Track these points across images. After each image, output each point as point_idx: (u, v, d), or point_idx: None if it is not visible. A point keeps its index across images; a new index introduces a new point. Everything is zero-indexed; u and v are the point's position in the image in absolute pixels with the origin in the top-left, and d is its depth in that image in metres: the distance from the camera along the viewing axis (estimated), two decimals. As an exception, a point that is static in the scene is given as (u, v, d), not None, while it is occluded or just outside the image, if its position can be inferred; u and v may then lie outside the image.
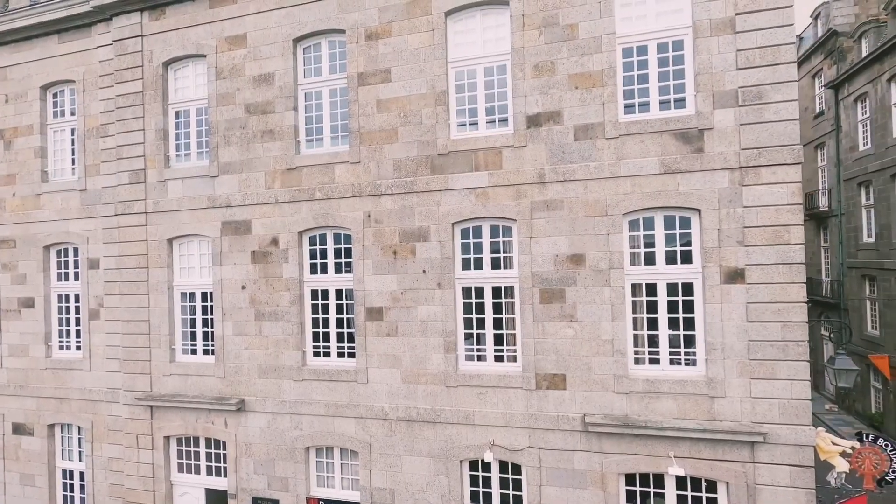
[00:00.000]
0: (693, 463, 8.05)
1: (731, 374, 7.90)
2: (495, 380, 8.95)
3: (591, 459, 8.50)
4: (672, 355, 8.36)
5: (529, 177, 8.77)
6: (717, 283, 7.97)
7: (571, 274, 8.61)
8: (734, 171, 7.89)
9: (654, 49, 8.44)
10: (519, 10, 8.84)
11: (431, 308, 9.30)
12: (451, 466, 9.16)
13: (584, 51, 8.56)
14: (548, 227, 8.72)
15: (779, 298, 7.71)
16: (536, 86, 8.77)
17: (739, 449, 7.85)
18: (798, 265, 7.65)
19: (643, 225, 8.49)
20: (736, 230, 7.89)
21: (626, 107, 8.56)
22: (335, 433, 9.84)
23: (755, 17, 7.80)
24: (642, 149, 8.30)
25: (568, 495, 8.59)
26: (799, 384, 7.63)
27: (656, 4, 8.43)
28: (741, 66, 7.86)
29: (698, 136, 8.06)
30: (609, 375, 8.43)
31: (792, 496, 7.65)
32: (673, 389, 8.14)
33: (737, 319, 7.89)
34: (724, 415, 7.94)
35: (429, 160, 9.34)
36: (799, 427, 7.62)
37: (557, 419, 8.62)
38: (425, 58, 9.34)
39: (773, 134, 7.74)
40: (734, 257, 7.90)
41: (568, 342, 8.62)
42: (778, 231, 7.72)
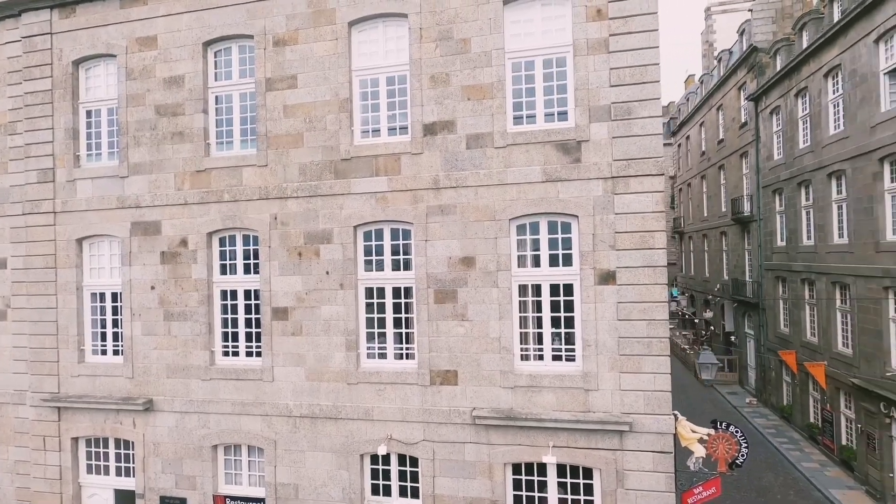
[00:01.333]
0: (570, 452, 8.64)
1: (603, 368, 8.53)
2: (393, 376, 9.35)
3: (479, 451, 8.99)
4: (554, 352, 8.94)
5: (425, 182, 9.20)
6: (591, 284, 8.58)
7: (463, 275, 9.08)
8: (607, 180, 8.53)
9: (541, 64, 9.01)
10: (417, 24, 9.26)
11: (334, 308, 9.62)
12: (352, 461, 9.51)
13: (476, 64, 9.05)
14: (442, 231, 9.17)
15: (645, 298, 8.38)
16: (432, 96, 9.21)
17: (610, 438, 8.48)
18: (661, 268, 8.33)
19: (529, 229, 9.04)
20: (609, 235, 8.52)
21: (516, 118, 9.10)
22: (242, 431, 10.04)
23: (626, 39, 8.45)
24: (527, 158, 8.84)
25: (459, 485, 9.07)
26: (661, 377, 8.32)
27: (542, 23, 8.99)
28: (614, 83, 8.50)
29: (576, 148, 8.66)
30: (496, 371, 8.94)
31: (654, 480, 8.33)
32: (553, 384, 8.72)
33: (609, 318, 8.52)
34: (597, 406, 8.56)
35: (332, 165, 9.66)
36: (660, 416, 8.31)
37: (449, 413, 9.09)
38: (330, 66, 9.65)
39: (641, 147, 8.40)
40: (607, 260, 8.53)
41: (459, 340, 9.09)
42: (644, 236, 8.39)
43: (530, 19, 9.05)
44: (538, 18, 9.02)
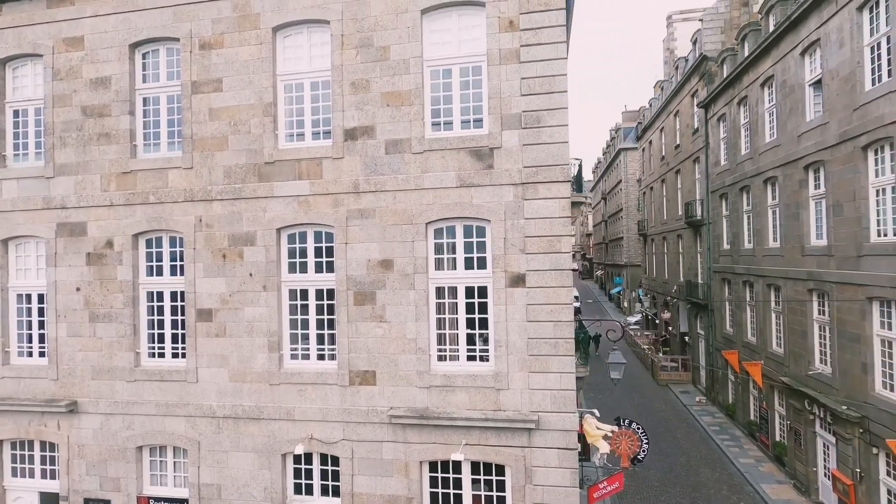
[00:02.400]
0: (481, 449, 8.90)
1: (513, 368, 8.82)
2: (314, 377, 9.50)
3: (396, 449, 9.20)
4: (469, 352, 9.20)
5: (346, 187, 9.38)
6: (503, 286, 8.86)
7: (382, 278, 9.28)
8: (517, 186, 8.82)
9: (458, 73, 9.26)
10: (339, 31, 9.43)
11: (257, 310, 9.73)
12: (274, 460, 9.62)
13: (395, 71, 9.26)
14: (361, 234, 9.36)
15: (552, 300, 8.69)
16: (354, 102, 9.40)
17: (519, 435, 8.77)
18: (567, 271, 8.65)
19: (446, 233, 9.29)
20: (519, 239, 8.81)
21: (434, 124, 9.34)
22: (166, 432, 10.07)
23: (536, 50, 8.76)
24: (443, 163, 9.09)
25: (377, 483, 9.26)
26: (566, 376, 8.64)
27: (459, 32, 9.25)
28: (524, 92, 8.79)
29: (489, 154, 8.94)
30: (413, 371, 9.16)
31: (560, 475, 8.64)
32: (466, 383, 8.97)
33: (519, 319, 8.81)
34: (507, 405, 8.84)
35: (256, 168, 9.77)
36: (566, 414, 8.63)
37: (368, 413, 9.27)
38: (254, 70, 9.76)
39: (549, 154, 8.71)
40: (517, 264, 8.82)
41: (378, 341, 9.29)
42: (551, 241, 8.70)
43: (448, 29, 9.30)
44: (455, 28, 9.27)
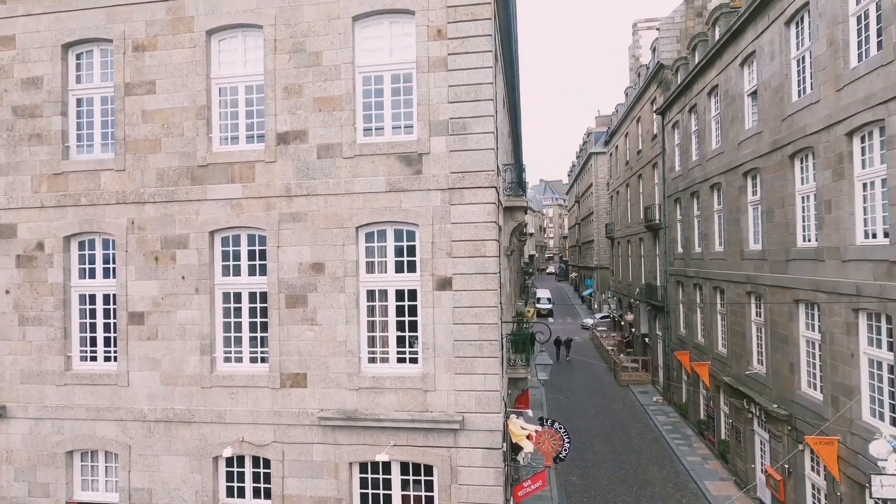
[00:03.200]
0: (409, 450, 9.04)
1: (440, 370, 8.98)
2: (246, 380, 9.53)
3: (326, 451, 9.28)
4: (399, 354, 9.34)
5: (278, 190, 9.44)
6: (430, 290, 9.02)
7: (313, 281, 9.37)
8: (445, 191, 9.00)
9: (389, 79, 9.42)
10: (272, 35, 9.50)
11: (190, 312, 9.71)
12: (205, 464, 9.61)
13: (327, 77, 9.37)
14: (293, 238, 9.43)
15: (477, 303, 8.88)
16: (286, 106, 9.47)
17: (445, 436, 8.93)
18: (492, 275, 8.86)
19: (377, 237, 9.42)
20: (446, 243, 8.99)
21: (366, 129, 9.46)
22: (97, 436, 9.97)
23: (462, 58, 8.95)
24: (373, 168, 9.22)
25: (307, 485, 9.32)
26: (491, 377, 8.84)
27: (391, 40, 9.40)
28: (451, 100, 8.98)
29: (418, 160, 9.10)
30: (343, 374, 9.25)
31: (484, 475, 8.82)
32: (395, 385, 9.10)
33: (445, 322, 8.98)
34: (434, 406, 9.00)
35: (189, 171, 9.76)
36: (490, 415, 8.82)
37: (299, 415, 9.34)
38: (188, 73, 9.76)
39: (475, 160, 8.92)
40: (444, 267, 9.00)
41: (309, 344, 9.36)
42: (477, 245, 8.90)
43: (380, 36, 9.45)
44: (387, 35, 9.42)
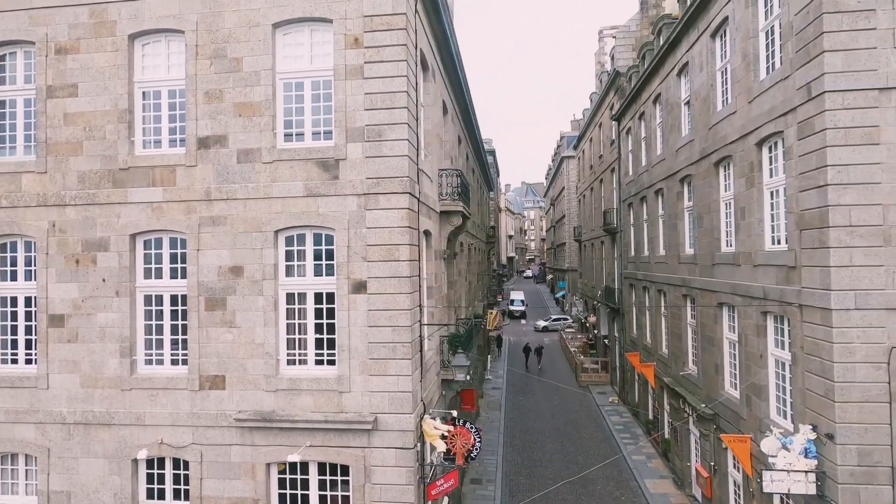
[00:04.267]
0: (325, 451, 9.20)
1: (355, 371, 9.16)
2: (165, 382, 9.59)
3: (244, 452, 9.39)
4: (318, 356, 9.50)
5: (198, 194, 9.53)
6: (346, 293, 9.20)
7: (232, 284, 9.47)
8: (360, 196, 9.19)
9: (309, 86, 9.58)
10: (193, 41, 9.60)
11: (110, 315, 9.74)
12: (124, 466, 9.64)
13: (247, 82, 9.49)
14: (213, 241, 9.53)
15: (391, 306, 9.08)
16: (207, 111, 9.57)
17: (359, 436, 9.11)
18: (405, 278, 9.07)
19: (297, 240, 9.57)
20: (361, 248, 9.18)
21: (287, 135, 9.61)
22: (16, 440, 9.93)
23: (378, 67, 9.16)
24: (291, 173, 9.37)
25: (225, 486, 9.42)
26: (404, 379, 9.04)
27: (312, 47, 9.57)
28: (367, 107, 9.18)
29: (335, 166, 9.28)
30: (261, 375, 9.38)
31: (397, 474, 9.02)
32: (311, 387, 9.26)
33: (361, 324, 9.16)
34: (349, 407, 9.17)
35: (111, 174, 9.80)
36: (402, 415, 9.02)
37: (217, 417, 9.43)
38: (110, 76, 9.80)
39: (389, 167, 9.12)
40: (360, 271, 9.18)
41: (228, 346, 9.46)
42: (391, 249, 9.10)
43: (301, 43, 9.61)
44: (308, 43, 9.59)
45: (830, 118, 8.33)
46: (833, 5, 8.31)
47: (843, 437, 8.24)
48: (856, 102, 8.26)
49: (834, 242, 8.30)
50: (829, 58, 8.33)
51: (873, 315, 8.19)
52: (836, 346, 8.28)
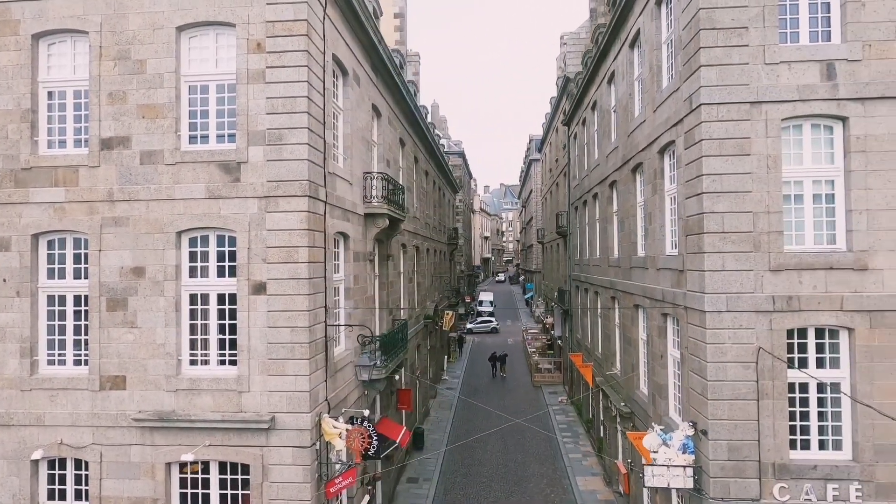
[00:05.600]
0: (224, 450, 9.31)
1: (255, 371, 9.29)
2: (66, 382, 9.58)
3: (144, 452, 9.44)
4: (220, 356, 9.60)
5: (101, 195, 9.56)
6: (246, 294, 9.33)
7: (134, 284, 9.52)
8: (261, 199, 9.33)
9: (214, 89, 9.69)
10: (97, 42, 9.61)
11: (10, 315, 9.69)
12: (23, 466, 9.59)
13: (151, 84, 9.55)
14: (115, 242, 9.56)
15: (289, 308, 9.24)
16: (110, 112, 9.60)
17: (258, 435, 9.24)
18: (304, 280, 9.23)
19: (201, 242, 9.66)
20: (262, 250, 9.31)
21: (191, 137, 9.70)
22: (-87, 441, 9.81)
23: (279, 72, 9.31)
24: (194, 176, 9.46)
25: (124, 486, 9.45)
26: (301, 378, 9.20)
27: (217, 51, 9.68)
28: (269, 111, 9.33)
29: (237, 168, 9.40)
30: (161, 376, 9.44)
31: (293, 472, 9.17)
32: (212, 386, 9.35)
33: (260, 325, 9.30)
34: (248, 407, 9.29)
35: (13, 174, 9.75)
36: (300, 414, 9.18)
37: (117, 417, 9.46)
38: (13, 76, 9.75)
39: (289, 170, 9.28)
40: (260, 272, 9.32)
41: (129, 346, 9.50)
42: (290, 251, 9.26)
43: (206, 46, 9.71)
44: (213, 46, 9.69)
45: (706, 129, 8.76)
46: (709, 22, 8.74)
47: (714, 433, 8.67)
48: (729, 115, 8.71)
49: (708, 248, 8.73)
50: (705, 72, 8.76)
51: (743, 317, 8.64)
52: (709, 346, 8.71)
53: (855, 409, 8.52)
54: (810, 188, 8.80)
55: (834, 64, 8.60)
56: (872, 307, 8.44)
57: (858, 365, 8.49)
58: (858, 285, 8.51)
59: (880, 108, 8.50)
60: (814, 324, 8.60)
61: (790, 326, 8.60)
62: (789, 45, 8.72)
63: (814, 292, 8.56)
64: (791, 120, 8.75)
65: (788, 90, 8.61)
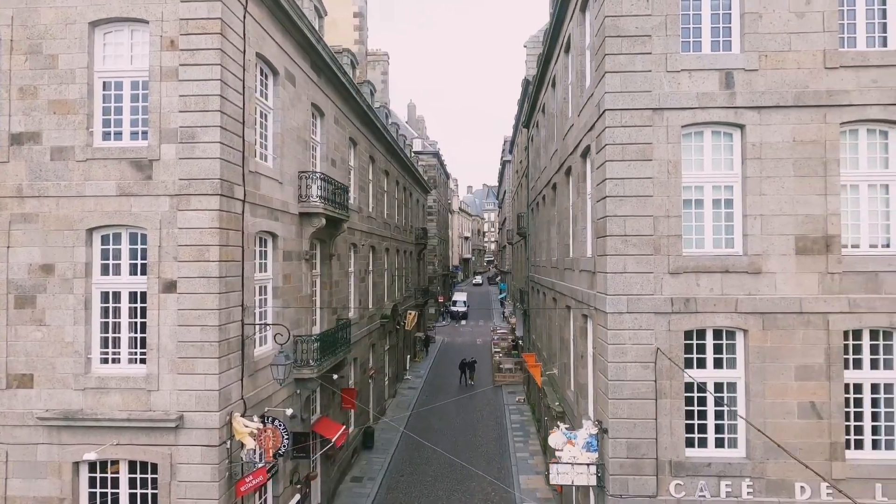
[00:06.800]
0: (132, 449, 9.26)
1: (164, 370, 9.25)
2: (-29, 381, 9.44)
3: (51, 451, 9.33)
4: (131, 355, 9.54)
5: (10, 191, 9.43)
6: (157, 292, 9.29)
7: (43, 282, 9.41)
8: (173, 197, 9.30)
9: (129, 86, 9.63)
10: (8, 36, 9.48)
11: (-85, 312, 9.51)
12: (-74, 466, 9.43)
13: (62, 80, 9.45)
14: (24, 238, 9.44)
15: (199, 306, 9.22)
16: (21, 107, 9.48)
17: (166, 434, 9.21)
18: (214, 279, 9.22)
19: (113, 239, 9.59)
20: (173, 248, 9.28)
21: (105, 134, 9.63)
22: None
23: (193, 70, 9.29)
24: (105, 173, 9.39)
25: (31, 486, 9.34)
26: (211, 377, 9.19)
27: (132, 48, 9.62)
28: (182, 109, 9.30)
29: (149, 166, 9.35)
30: (70, 374, 9.35)
31: (202, 471, 9.16)
32: (121, 385, 9.29)
33: (171, 324, 9.26)
34: (157, 406, 9.25)
35: (-80, 168, 9.57)
36: (209, 413, 9.17)
37: (24, 416, 9.34)
38: (-79, 68, 9.58)
39: (201, 168, 9.27)
40: (171, 270, 9.29)
41: (37, 344, 9.39)
42: (201, 250, 9.24)
43: (121, 43, 9.65)
44: (128, 43, 9.63)
45: (610, 134, 8.97)
46: (614, 30, 8.94)
47: (614, 431, 8.87)
48: (632, 121, 8.92)
49: (611, 250, 8.93)
50: (609, 78, 8.97)
51: (643, 318, 8.86)
52: (610, 346, 8.91)
53: (749, 407, 8.79)
54: (710, 193, 9.06)
55: (732, 73, 8.87)
56: (765, 309, 8.72)
57: (751, 365, 8.77)
58: (753, 288, 8.79)
59: (775, 117, 8.80)
60: (710, 325, 8.86)
61: (688, 328, 8.84)
62: (690, 54, 8.97)
63: (710, 294, 8.81)
64: (692, 127, 9.00)
65: (688, 98, 8.86)
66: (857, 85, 8.72)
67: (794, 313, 8.71)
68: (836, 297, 8.66)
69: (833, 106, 8.73)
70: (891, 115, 8.67)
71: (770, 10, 8.83)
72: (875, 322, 8.68)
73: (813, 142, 8.76)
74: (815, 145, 8.76)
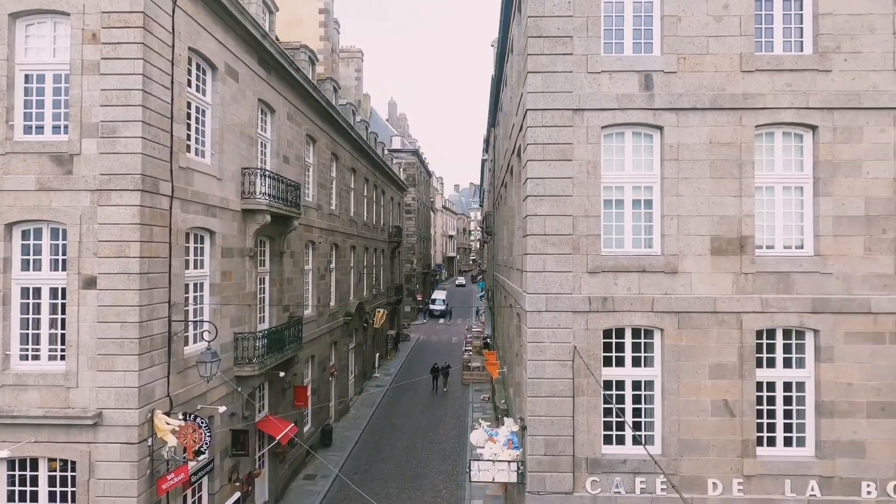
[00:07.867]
0: (50, 446, 9.16)
1: (83, 367, 9.16)
2: None
3: (-34, 449, 9.20)
4: (51, 351, 9.43)
5: (-74, 184, 9.26)
6: (76, 288, 9.19)
7: (-41, 277, 9.26)
8: (94, 192, 9.20)
9: (51, 79, 9.49)
10: (-74, 26, 9.31)
11: None
12: None
13: (-19, 72, 9.30)
14: (-59, 233, 9.28)
15: (120, 303, 9.14)
16: (-62, 99, 9.31)
17: (84, 432, 9.12)
18: (135, 275, 9.15)
19: (33, 235, 9.47)
20: (93, 243, 9.19)
21: (26, 127, 9.49)
22: None
23: (115, 64, 9.19)
24: (24, 167, 9.26)
25: (-54, 484, 9.20)
26: (130, 374, 9.12)
27: (54, 40, 9.48)
28: (103, 103, 9.20)
29: (69, 160, 9.24)
30: (-13, 371, 9.23)
31: (121, 469, 9.09)
32: (39, 382, 9.18)
33: (90, 320, 9.17)
34: (76, 402, 9.16)
35: None
36: (128, 410, 9.10)
37: (-61, 413, 9.20)
38: None
39: (123, 164, 9.18)
40: (91, 266, 9.19)
41: (-47, 341, 9.25)
42: (121, 246, 9.16)
43: (44, 35, 9.51)
44: (50, 35, 9.49)
45: (531, 134, 9.04)
46: (536, 30, 9.01)
47: (532, 428, 8.96)
48: (553, 121, 9.00)
49: (531, 249, 9.01)
50: (531, 78, 9.04)
51: (562, 317, 8.95)
52: (529, 344, 8.99)
53: (664, 405, 8.93)
54: (631, 194, 9.17)
55: (651, 75, 8.98)
56: (680, 309, 8.86)
57: (667, 364, 8.90)
58: (669, 288, 8.92)
59: (692, 119, 8.93)
60: (627, 324, 8.97)
61: (606, 326, 8.95)
62: (612, 56, 9.06)
63: (628, 294, 8.93)
64: (612, 128, 9.10)
65: (609, 99, 8.95)
66: (772, 88, 8.88)
67: (709, 313, 8.86)
68: (750, 296, 8.83)
69: (748, 109, 8.88)
70: (803, 119, 8.84)
71: (689, 13, 8.95)
72: (787, 322, 8.86)
73: (729, 144, 8.91)
74: (731, 147, 8.91)
